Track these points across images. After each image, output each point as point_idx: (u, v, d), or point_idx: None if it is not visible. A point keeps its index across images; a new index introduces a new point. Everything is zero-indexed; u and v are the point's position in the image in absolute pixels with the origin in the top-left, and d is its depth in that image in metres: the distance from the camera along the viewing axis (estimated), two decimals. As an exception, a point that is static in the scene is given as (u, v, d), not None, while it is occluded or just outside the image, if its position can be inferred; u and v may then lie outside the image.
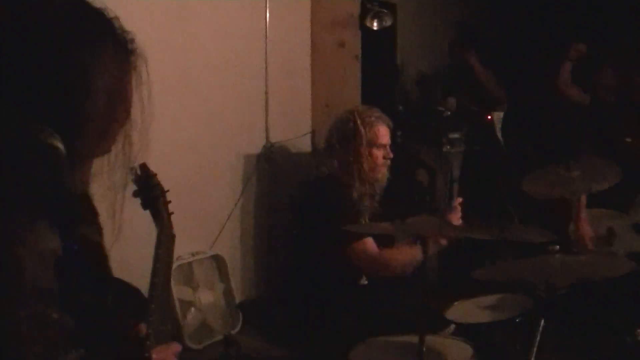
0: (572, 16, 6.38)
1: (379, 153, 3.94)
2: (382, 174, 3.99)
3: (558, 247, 3.24)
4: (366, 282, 3.88)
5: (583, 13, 6.32)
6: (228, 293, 4.66)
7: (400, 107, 5.60)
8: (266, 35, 4.97)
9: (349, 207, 3.83)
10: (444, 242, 3.69)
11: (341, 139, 3.97)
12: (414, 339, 2.95)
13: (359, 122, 3.92)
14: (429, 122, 5.55)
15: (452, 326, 3.55)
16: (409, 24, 6.25)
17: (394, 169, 4.09)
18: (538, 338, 3.34)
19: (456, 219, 3.74)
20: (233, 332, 4.54)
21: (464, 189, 5.35)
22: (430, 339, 3.15)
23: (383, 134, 3.97)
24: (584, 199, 4.49)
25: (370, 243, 3.74)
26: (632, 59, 4.79)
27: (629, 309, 4.36)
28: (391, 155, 3.98)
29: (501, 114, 5.76)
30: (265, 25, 4.96)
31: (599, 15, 6.15)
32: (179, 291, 4.35)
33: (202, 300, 4.49)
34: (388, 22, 5.47)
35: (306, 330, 3.80)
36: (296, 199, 4.38)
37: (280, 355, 3.95)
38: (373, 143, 3.92)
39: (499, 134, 5.70)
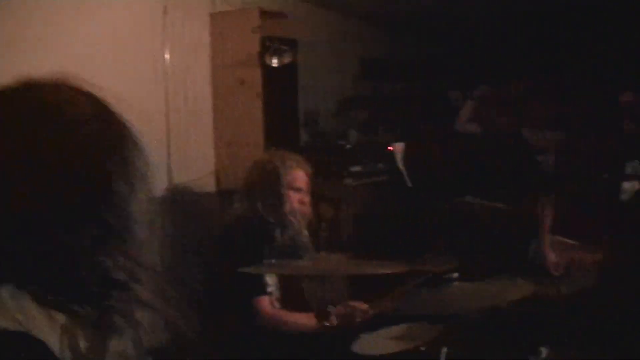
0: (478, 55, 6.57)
1: (295, 197, 4.00)
2: (302, 215, 4.05)
3: (457, 274, 3.29)
4: None
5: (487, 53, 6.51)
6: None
7: (302, 143, 5.64)
8: (166, 74, 4.96)
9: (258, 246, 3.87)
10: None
11: (261, 180, 4.03)
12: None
13: (279, 164, 4.00)
14: (330, 157, 5.60)
15: None
16: (310, 60, 6.31)
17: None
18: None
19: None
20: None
21: (369, 222, 5.41)
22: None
23: (301, 178, 4.04)
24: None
25: (264, 302, 3.77)
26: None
27: (532, 329, 4.46)
28: (306, 200, 4.03)
29: (402, 145, 5.84)
30: (165, 64, 4.95)
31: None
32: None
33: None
34: (288, 59, 5.51)
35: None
36: (210, 240, 4.37)
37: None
38: (290, 186, 3.99)
39: (401, 165, 5.78)
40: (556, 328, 4.58)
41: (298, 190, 4.01)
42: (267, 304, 3.77)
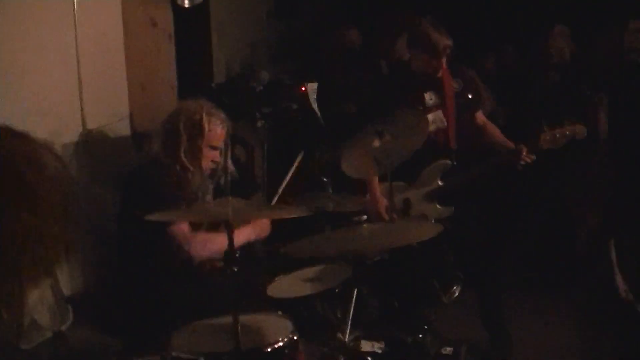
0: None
1: (211, 154, 4.09)
2: (208, 169, 4.14)
3: (365, 216, 3.41)
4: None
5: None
6: (55, 287, 4.61)
7: (213, 85, 5.65)
8: (75, 17, 4.86)
9: (171, 191, 3.95)
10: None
11: (186, 129, 4.08)
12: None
13: (205, 118, 4.05)
14: (242, 98, 5.64)
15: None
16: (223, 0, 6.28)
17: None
18: (352, 306, 3.54)
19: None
20: (63, 327, 4.50)
21: (280, 164, 5.48)
22: (248, 318, 3.30)
23: (220, 136, 4.10)
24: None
25: (178, 226, 3.86)
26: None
27: (443, 271, 4.66)
28: (218, 160, 4.11)
29: (315, 85, 5.91)
30: (74, 6, 4.85)
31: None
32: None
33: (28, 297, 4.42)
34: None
35: (135, 318, 3.87)
36: (121, 185, 4.40)
37: (113, 345, 3.98)
38: (209, 143, 4.08)
39: (315, 105, 5.86)
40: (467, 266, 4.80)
41: (214, 148, 4.10)
42: (182, 227, 3.86)
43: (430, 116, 4.81)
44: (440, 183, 4.89)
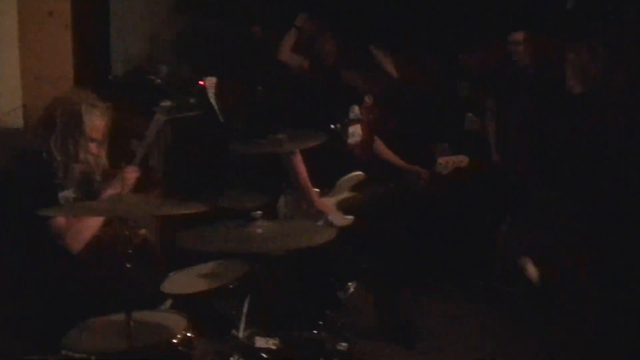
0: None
1: (90, 146, 4.01)
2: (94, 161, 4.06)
3: (260, 212, 3.42)
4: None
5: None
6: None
7: (110, 77, 5.57)
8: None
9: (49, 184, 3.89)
10: None
11: (62, 120, 3.99)
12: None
13: (84, 109, 3.97)
14: (140, 91, 5.57)
15: (169, 301, 3.68)
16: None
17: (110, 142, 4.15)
18: (247, 303, 3.54)
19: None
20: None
21: (177, 159, 5.45)
22: (142, 315, 3.27)
23: (100, 128, 4.03)
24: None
25: (59, 218, 3.81)
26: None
27: (341, 266, 4.72)
28: (96, 153, 4.04)
29: (214, 80, 5.87)
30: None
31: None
32: None
33: None
34: (98, -11, 5.40)
35: (28, 316, 3.80)
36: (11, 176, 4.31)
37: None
38: (88, 135, 3.98)
39: (213, 100, 5.82)
40: (363, 264, 4.88)
41: (94, 140, 4.02)
42: (57, 220, 3.81)
43: (351, 129, 5.14)
44: (350, 193, 5.14)
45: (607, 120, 4.94)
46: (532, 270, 5.64)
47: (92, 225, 3.84)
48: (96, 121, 4.00)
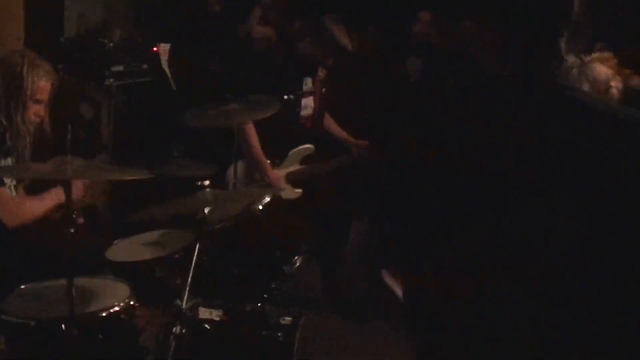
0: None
1: (34, 107, 3.91)
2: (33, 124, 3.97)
3: (208, 182, 3.39)
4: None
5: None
6: None
7: (62, 39, 5.46)
8: None
9: None
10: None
11: (4, 81, 3.89)
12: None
13: (26, 70, 3.86)
14: (92, 55, 5.48)
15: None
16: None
17: (56, 104, 4.06)
18: (192, 273, 3.50)
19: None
20: None
21: (128, 124, 5.38)
22: (85, 281, 3.24)
23: (44, 90, 3.93)
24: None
25: (3, 192, 3.72)
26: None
27: (286, 240, 4.70)
28: (42, 115, 3.95)
29: (167, 46, 5.80)
30: None
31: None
32: None
33: None
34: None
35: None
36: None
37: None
38: (32, 97, 3.88)
39: (166, 67, 5.75)
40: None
41: (38, 102, 3.93)
42: (4, 192, 3.73)
43: (303, 101, 5.13)
44: (299, 166, 5.16)
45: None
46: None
47: (33, 211, 3.76)
48: (40, 82, 3.89)
